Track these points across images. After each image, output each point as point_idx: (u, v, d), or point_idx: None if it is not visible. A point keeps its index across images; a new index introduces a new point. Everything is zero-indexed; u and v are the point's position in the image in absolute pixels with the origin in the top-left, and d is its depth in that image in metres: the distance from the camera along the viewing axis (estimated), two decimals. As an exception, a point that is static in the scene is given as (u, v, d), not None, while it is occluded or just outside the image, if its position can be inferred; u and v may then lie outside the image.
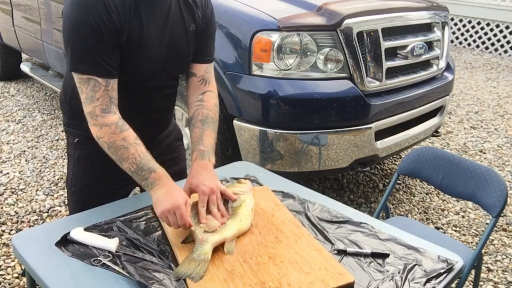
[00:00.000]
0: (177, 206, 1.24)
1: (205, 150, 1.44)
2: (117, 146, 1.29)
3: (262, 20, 2.46)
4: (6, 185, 3.16)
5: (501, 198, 1.78)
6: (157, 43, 1.37)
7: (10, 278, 2.32)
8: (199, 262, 1.17)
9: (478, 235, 2.83)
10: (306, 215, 1.46)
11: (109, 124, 1.30)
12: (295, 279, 1.14)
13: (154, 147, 1.59)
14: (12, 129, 4.09)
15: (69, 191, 1.62)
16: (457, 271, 1.26)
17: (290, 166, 2.52)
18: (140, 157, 1.30)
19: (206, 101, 1.54)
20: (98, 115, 1.29)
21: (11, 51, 5.21)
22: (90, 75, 1.27)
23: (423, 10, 3.00)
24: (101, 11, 1.23)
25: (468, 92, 5.57)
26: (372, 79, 2.61)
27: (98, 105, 1.29)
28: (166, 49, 1.40)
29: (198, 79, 1.55)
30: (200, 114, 1.51)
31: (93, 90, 1.28)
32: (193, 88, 1.56)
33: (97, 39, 1.25)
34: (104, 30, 1.24)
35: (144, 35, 1.33)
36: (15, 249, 1.26)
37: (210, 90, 1.56)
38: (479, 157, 3.89)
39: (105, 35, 1.24)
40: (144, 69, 1.39)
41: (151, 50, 1.36)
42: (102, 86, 1.28)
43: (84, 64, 1.27)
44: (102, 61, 1.27)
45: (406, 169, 2.07)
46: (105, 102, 1.29)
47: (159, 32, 1.37)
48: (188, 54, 1.49)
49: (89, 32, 1.24)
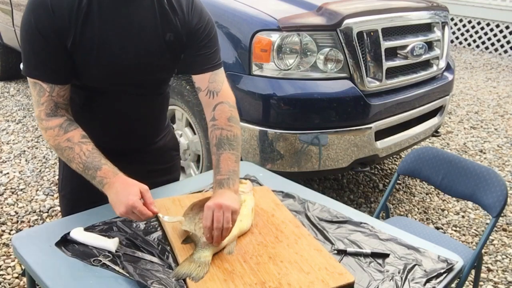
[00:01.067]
0: (132, 205, 1.18)
1: (222, 179, 1.33)
2: (62, 147, 1.27)
3: (262, 20, 2.46)
4: (6, 185, 3.16)
5: (501, 198, 1.78)
6: (117, 48, 1.30)
7: (10, 278, 2.32)
8: (200, 264, 1.17)
9: (478, 235, 2.83)
10: (306, 215, 1.46)
11: (52, 127, 1.28)
12: (295, 279, 1.14)
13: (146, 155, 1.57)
14: (12, 129, 4.09)
15: (60, 194, 1.61)
16: (457, 271, 1.26)
17: (290, 166, 2.52)
18: (85, 155, 1.26)
19: (218, 118, 1.41)
20: (43, 118, 1.29)
21: (11, 51, 5.21)
22: (35, 79, 1.26)
23: (423, 10, 3.00)
24: (44, 15, 1.21)
25: (468, 92, 5.57)
26: (372, 79, 2.61)
27: (43, 110, 1.28)
28: (131, 55, 1.33)
29: (205, 94, 1.44)
30: (214, 137, 1.40)
31: (38, 94, 1.27)
32: (204, 105, 1.46)
33: (40, 43, 1.23)
34: (46, 34, 1.22)
35: (98, 41, 1.27)
36: (15, 249, 1.25)
37: (220, 102, 1.42)
38: (479, 157, 3.89)
39: (48, 39, 1.22)
40: (109, 75, 1.34)
41: (109, 58, 1.30)
42: (46, 92, 1.27)
43: (30, 67, 1.26)
44: (46, 66, 1.25)
45: (406, 169, 2.07)
46: (49, 107, 1.28)
47: (121, 38, 1.30)
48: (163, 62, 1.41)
49: (33, 36, 1.22)
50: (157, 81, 1.48)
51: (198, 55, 1.42)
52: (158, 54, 1.37)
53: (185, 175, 2.95)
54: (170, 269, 1.18)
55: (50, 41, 1.23)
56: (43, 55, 1.24)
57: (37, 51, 1.24)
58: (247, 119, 2.51)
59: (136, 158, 1.60)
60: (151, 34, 1.34)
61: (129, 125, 1.48)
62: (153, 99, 1.51)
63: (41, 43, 1.23)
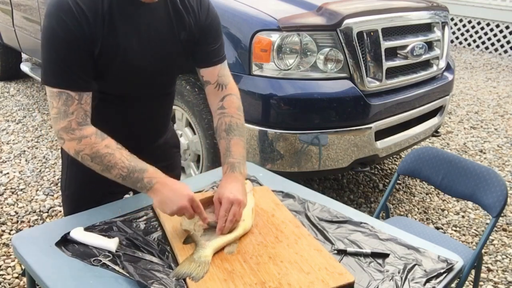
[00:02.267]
0: (185, 208, 1.23)
1: (235, 162, 1.38)
2: (101, 154, 1.25)
3: (262, 20, 2.46)
4: (6, 185, 3.16)
5: (501, 198, 1.78)
6: (140, 54, 1.32)
7: (10, 278, 2.32)
8: (200, 264, 1.17)
9: (478, 235, 2.83)
10: (306, 215, 1.46)
11: (88, 135, 1.25)
12: (295, 279, 1.14)
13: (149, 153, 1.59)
14: (12, 129, 4.09)
15: (63, 194, 1.60)
16: (457, 271, 1.26)
17: (290, 166, 2.52)
18: (128, 160, 1.26)
19: (228, 107, 1.47)
20: (75, 128, 1.24)
21: (11, 51, 5.21)
22: (61, 89, 1.22)
23: (423, 10, 3.00)
24: (71, 22, 1.19)
25: (468, 92, 5.58)
26: (372, 79, 2.61)
27: (73, 119, 1.24)
28: (152, 59, 1.35)
29: (214, 86, 1.48)
30: (223, 123, 1.45)
31: (65, 104, 1.23)
32: (212, 96, 1.50)
33: (68, 51, 1.21)
34: (75, 42, 1.20)
35: (122, 46, 1.28)
36: (15, 249, 1.25)
37: (229, 94, 1.49)
38: (479, 157, 3.89)
39: (76, 47, 1.21)
40: (129, 80, 1.35)
41: (133, 62, 1.31)
42: (75, 100, 1.23)
43: (56, 77, 1.22)
44: (74, 74, 1.22)
45: (406, 169, 2.07)
46: (80, 115, 1.25)
47: (142, 43, 1.31)
48: (180, 62, 1.44)
49: (60, 43, 1.20)
50: (170, 80, 1.51)
51: (208, 49, 1.46)
52: (175, 54, 1.40)
53: (185, 175, 2.95)
54: (170, 269, 1.18)
55: (77, 48, 1.21)
56: (69, 62, 1.21)
57: (64, 58, 1.21)
58: (247, 119, 2.46)
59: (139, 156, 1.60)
60: (168, 35, 1.36)
61: (138, 125, 1.49)
62: (162, 99, 1.53)
63: (68, 50, 1.20)
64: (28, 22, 4.25)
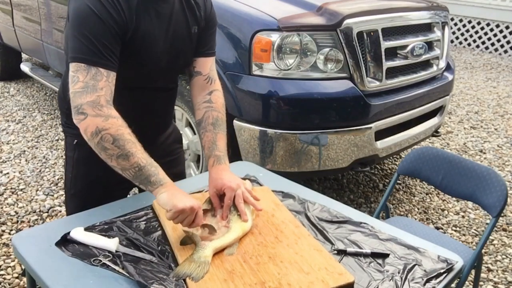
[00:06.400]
0: (199, 206, 1.25)
1: (220, 155, 1.45)
2: (125, 139, 1.21)
3: (262, 20, 2.46)
4: (6, 185, 3.16)
5: (501, 198, 1.78)
6: (160, 42, 1.37)
7: (10, 278, 2.32)
8: (200, 264, 1.17)
9: (478, 235, 2.83)
10: (306, 215, 1.46)
11: (116, 116, 1.22)
12: (295, 279, 1.14)
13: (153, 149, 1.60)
14: (12, 129, 4.09)
15: (68, 193, 1.60)
16: (457, 271, 1.26)
17: (290, 166, 2.52)
18: (144, 153, 1.25)
19: (215, 101, 1.51)
20: (104, 105, 1.21)
21: (11, 51, 5.21)
22: (91, 65, 1.22)
23: (423, 10, 3.00)
24: (108, 5, 1.23)
25: (468, 92, 5.58)
26: (372, 79, 2.61)
27: (102, 95, 1.21)
28: (169, 50, 1.40)
29: (204, 78, 1.52)
30: (210, 116, 1.49)
31: (94, 78, 1.21)
32: (199, 87, 1.52)
33: (102, 31, 1.22)
34: (110, 23, 1.23)
35: (149, 33, 1.33)
36: (15, 249, 1.26)
37: (216, 89, 1.54)
38: (479, 157, 3.89)
39: (110, 28, 1.23)
40: (148, 68, 1.39)
41: (155, 49, 1.36)
42: (104, 76, 1.22)
43: (86, 53, 1.21)
44: (106, 52, 1.23)
45: (406, 169, 2.07)
46: (108, 93, 1.23)
47: (163, 32, 1.37)
48: (190, 56, 1.49)
49: (96, 22, 1.21)
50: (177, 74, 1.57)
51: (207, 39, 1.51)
52: (188, 48, 1.45)
53: (185, 175, 2.94)
54: (170, 269, 1.18)
55: (112, 28, 1.23)
56: (102, 41, 1.22)
57: (99, 38, 1.21)
58: (247, 119, 2.51)
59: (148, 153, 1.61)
60: (183, 27, 1.42)
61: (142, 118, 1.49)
62: (168, 92, 1.57)
63: (104, 30, 1.22)
64: (28, 22, 4.24)
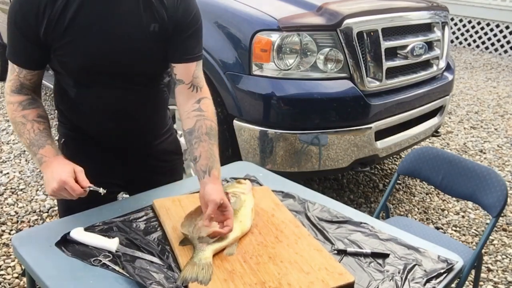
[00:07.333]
0: (64, 181, 1.24)
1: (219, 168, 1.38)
2: (16, 122, 1.36)
3: (262, 20, 2.46)
4: (6, 185, 3.16)
5: (501, 198, 1.78)
6: (94, 40, 1.33)
7: (10, 278, 2.32)
8: (202, 266, 1.16)
9: (478, 235, 2.83)
10: (306, 215, 1.46)
11: (13, 102, 1.38)
12: (295, 279, 1.14)
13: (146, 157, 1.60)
14: (12, 129, 4.09)
15: None
16: (457, 271, 1.26)
17: (290, 166, 2.52)
18: (34, 132, 1.34)
19: (206, 110, 1.43)
20: (8, 93, 1.39)
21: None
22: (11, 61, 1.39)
23: (423, 10, 3.00)
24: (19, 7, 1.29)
25: (468, 92, 5.58)
26: (372, 79, 2.61)
27: (9, 85, 1.39)
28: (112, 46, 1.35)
29: (188, 87, 1.44)
30: (204, 126, 1.41)
31: (11, 71, 1.39)
32: (184, 96, 1.45)
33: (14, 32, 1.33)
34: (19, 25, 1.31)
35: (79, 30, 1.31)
36: (15, 249, 1.25)
37: (205, 97, 1.46)
38: (479, 157, 3.89)
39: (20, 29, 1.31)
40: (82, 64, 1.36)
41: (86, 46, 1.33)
42: (15, 71, 1.38)
43: (9, 52, 1.38)
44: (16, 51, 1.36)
45: (406, 169, 2.07)
46: (15, 85, 1.38)
47: (102, 30, 1.32)
48: (146, 53, 1.41)
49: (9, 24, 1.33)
50: (144, 73, 1.48)
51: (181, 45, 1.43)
52: (139, 43, 1.38)
53: (185, 175, 2.94)
54: (170, 269, 1.18)
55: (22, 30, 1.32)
56: (15, 41, 1.36)
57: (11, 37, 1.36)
58: (247, 119, 2.51)
59: (136, 159, 1.60)
60: (134, 25, 1.36)
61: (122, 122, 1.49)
62: (143, 94, 1.51)
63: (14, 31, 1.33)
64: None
